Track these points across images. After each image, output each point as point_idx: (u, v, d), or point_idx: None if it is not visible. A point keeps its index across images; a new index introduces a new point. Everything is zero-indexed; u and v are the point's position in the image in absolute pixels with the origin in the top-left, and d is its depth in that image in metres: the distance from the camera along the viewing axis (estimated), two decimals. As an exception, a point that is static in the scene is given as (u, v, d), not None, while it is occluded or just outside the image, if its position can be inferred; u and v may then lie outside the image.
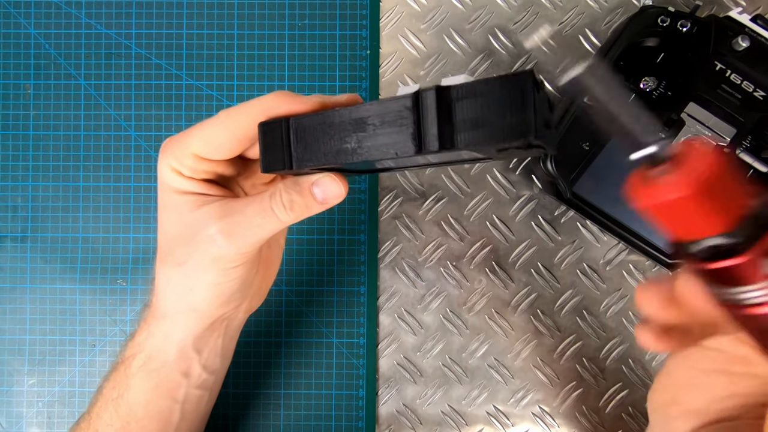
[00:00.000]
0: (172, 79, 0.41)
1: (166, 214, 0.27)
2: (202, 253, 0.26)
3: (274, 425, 0.41)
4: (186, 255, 0.27)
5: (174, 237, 0.27)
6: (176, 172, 0.27)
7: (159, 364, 0.29)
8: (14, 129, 0.42)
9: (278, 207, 0.26)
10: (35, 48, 0.42)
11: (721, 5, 0.40)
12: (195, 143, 0.26)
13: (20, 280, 0.41)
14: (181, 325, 0.29)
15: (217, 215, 0.26)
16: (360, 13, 0.41)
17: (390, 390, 0.41)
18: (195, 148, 0.26)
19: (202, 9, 0.41)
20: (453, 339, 0.41)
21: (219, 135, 0.25)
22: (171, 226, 0.27)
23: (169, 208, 0.27)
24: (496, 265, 0.41)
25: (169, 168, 0.27)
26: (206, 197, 0.27)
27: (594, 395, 0.40)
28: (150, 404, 0.30)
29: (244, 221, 0.26)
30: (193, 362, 0.30)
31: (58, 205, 0.42)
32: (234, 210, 0.26)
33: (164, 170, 0.27)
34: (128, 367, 0.30)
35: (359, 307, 0.41)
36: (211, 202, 0.26)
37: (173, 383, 0.30)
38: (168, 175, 0.27)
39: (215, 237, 0.26)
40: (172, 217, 0.27)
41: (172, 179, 0.27)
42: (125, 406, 0.30)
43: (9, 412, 0.41)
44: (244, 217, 0.26)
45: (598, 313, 0.40)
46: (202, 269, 0.27)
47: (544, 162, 0.36)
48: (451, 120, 0.20)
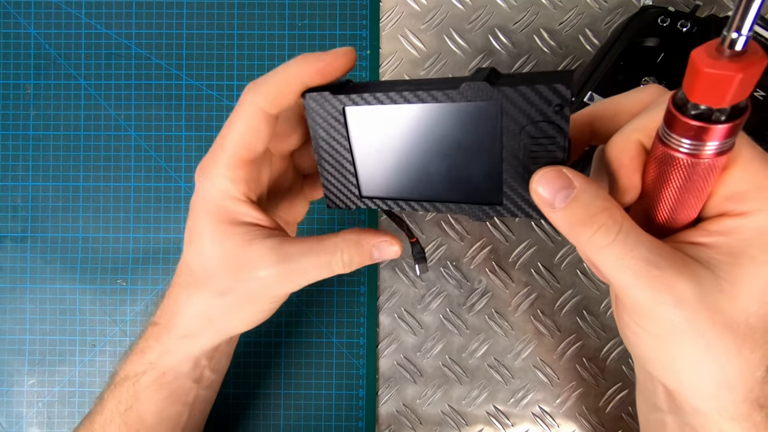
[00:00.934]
0: (172, 79, 0.41)
1: (210, 241, 0.26)
2: (250, 290, 0.26)
3: (274, 425, 0.41)
4: (231, 288, 0.26)
5: (217, 267, 0.26)
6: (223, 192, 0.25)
7: (173, 376, 0.30)
8: (14, 129, 0.42)
9: (337, 264, 0.26)
10: (35, 48, 0.42)
11: (721, 5, 0.40)
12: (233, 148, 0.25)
13: (20, 280, 0.41)
14: (204, 342, 0.29)
15: (271, 260, 0.25)
16: (360, 13, 0.41)
17: (390, 390, 0.41)
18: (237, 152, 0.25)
19: (202, 9, 0.41)
20: (453, 339, 0.41)
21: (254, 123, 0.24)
22: (214, 254, 0.26)
23: (215, 235, 0.26)
24: (496, 265, 0.41)
25: (216, 187, 0.25)
26: (256, 230, 0.26)
27: (594, 395, 0.40)
28: (161, 412, 0.30)
29: (300, 271, 0.26)
30: (205, 369, 0.31)
31: (58, 205, 0.42)
32: (289, 257, 0.26)
33: (209, 191, 0.26)
34: (137, 382, 0.30)
35: (359, 307, 0.41)
36: (262, 239, 0.26)
37: (184, 389, 0.30)
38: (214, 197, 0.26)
39: (269, 280, 0.26)
40: (217, 246, 0.26)
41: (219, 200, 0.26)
42: (134, 416, 0.30)
43: (9, 412, 0.41)
44: (300, 267, 0.26)
45: (598, 313, 0.40)
46: (247, 303, 0.27)
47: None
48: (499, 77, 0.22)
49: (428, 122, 0.23)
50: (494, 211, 0.24)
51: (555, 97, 0.20)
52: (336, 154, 0.26)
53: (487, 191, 0.24)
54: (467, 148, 0.23)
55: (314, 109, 0.25)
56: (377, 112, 0.24)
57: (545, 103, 0.21)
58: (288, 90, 0.24)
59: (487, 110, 0.22)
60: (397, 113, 0.24)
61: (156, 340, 0.29)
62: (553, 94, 0.20)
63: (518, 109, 0.21)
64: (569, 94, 0.20)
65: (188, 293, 0.28)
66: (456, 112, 0.22)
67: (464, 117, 0.22)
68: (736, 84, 0.16)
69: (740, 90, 0.16)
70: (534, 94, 0.21)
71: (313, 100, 0.25)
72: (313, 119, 0.26)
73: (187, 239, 0.27)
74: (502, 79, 0.22)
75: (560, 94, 0.20)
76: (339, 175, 0.27)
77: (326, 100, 0.25)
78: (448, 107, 0.22)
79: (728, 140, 0.18)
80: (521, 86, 0.21)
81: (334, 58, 0.24)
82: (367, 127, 0.25)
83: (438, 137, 0.23)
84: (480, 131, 0.22)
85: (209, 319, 0.28)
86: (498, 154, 0.23)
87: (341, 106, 0.24)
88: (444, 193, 0.25)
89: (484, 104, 0.22)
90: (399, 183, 0.26)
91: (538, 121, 0.21)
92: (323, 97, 0.24)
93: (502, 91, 0.21)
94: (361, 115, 0.25)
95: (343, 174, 0.27)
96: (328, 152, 0.26)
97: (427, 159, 0.24)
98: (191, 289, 0.28)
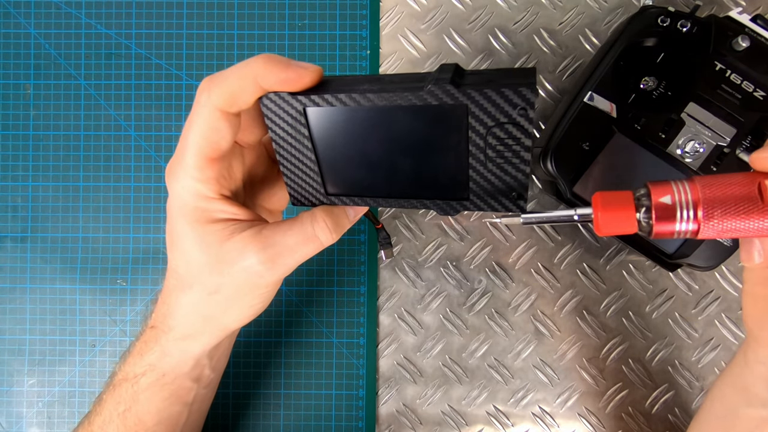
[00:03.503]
0: (172, 79, 0.41)
1: (189, 243, 0.26)
2: (240, 283, 0.26)
3: (274, 425, 0.41)
4: (220, 284, 0.26)
5: (201, 267, 0.26)
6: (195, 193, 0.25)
7: (173, 377, 0.30)
8: (14, 129, 0.42)
9: (322, 232, 0.26)
10: (35, 48, 0.42)
11: (721, 5, 0.40)
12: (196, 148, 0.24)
13: (20, 280, 0.41)
14: (202, 342, 0.29)
15: (254, 247, 0.25)
16: (360, 13, 0.41)
17: (390, 390, 0.41)
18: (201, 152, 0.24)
19: (202, 9, 0.41)
20: (453, 339, 0.41)
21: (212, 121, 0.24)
22: (195, 256, 0.26)
23: (193, 237, 0.26)
24: (496, 265, 0.41)
25: (186, 189, 0.25)
26: (233, 224, 0.26)
27: (594, 395, 0.40)
28: (161, 412, 0.30)
29: (287, 251, 0.26)
30: (205, 368, 0.31)
31: (58, 205, 0.42)
32: (273, 240, 0.25)
33: (180, 194, 0.25)
34: (136, 383, 0.30)
35: (359, 307, 0.41)
36: (240, 231, 0.25)
37: (185, 389, 0.30)
38: (186, 199, 0.25)
39: (257, 268, 0.25)
40: (197, 246, 0.26)
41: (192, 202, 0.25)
42: (134, 417, 0.30)
43: (9, 412, 0.41)
44: (285, 247, 0.26)
45: (598, 313, 0.40)
46: (239, 296, 0.27)
47: (544, 162, 0.35)
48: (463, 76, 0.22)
49: (393, 121, 0.23)
50: (461, 206, 0.24)
51: (520, 101, 0.21)
52: (298, 154, 0.26)
53: (453, 188, 0.24)
54: (433, 147, 0.23)
55: (272, 110, 0.24)
56: (340, 112, 0.23)
57: (510, 105, 0.21)
58: (246, 92, 0.23)
59: (453, 110, 0.22)
60: (360, 114, 0.23)
61: (155, 342, 0.29)
62: (518, 97, 0.21)
63: (483, 111, 0.21)
64: (533, 97, 0.20)
65: (178, 295, 0.28)
66: (421, 112, 0.22)
67: (430, 117, 0.22)
68: None
69: None
70: (499, 97, 0.21)
71: (271, 101, 0.24)
72: (271, 120, 0.25)
73: (168, 243, 0.27)
74: (467, 78, 0.22)
75: (525, 97, 0.20)
76: (303, 174, 0.26)
77: (285, 101, 0.24)
78: (412, 107, 0.22)
79: None
80: (486, 89, 0.21)
81: (303, 74, 0.23)
82: (330, 126, 0.24)
83: (403, 136, 0.23)
84: (446, 130, 0.23)
85: (204, 318, 0.28)
86: (464, 152, 0.23)
87: (302, 107, 0.24)
88: (410, 189, 0.25)
89: (449, 105, 0.22)
90: (365, 180, 0.26)
91: (503, 122, 0.21)
92: (281, 98, 0.24)
93: (467, 94, 0.21)
94: (323, 115, 0.24)
95: (306, 173, 0.26)
96: (290, 152, 0.26)
97: (392, 157, 0.24)
98: (180, 292, 0.28)
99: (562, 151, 0.35)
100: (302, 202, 0.28)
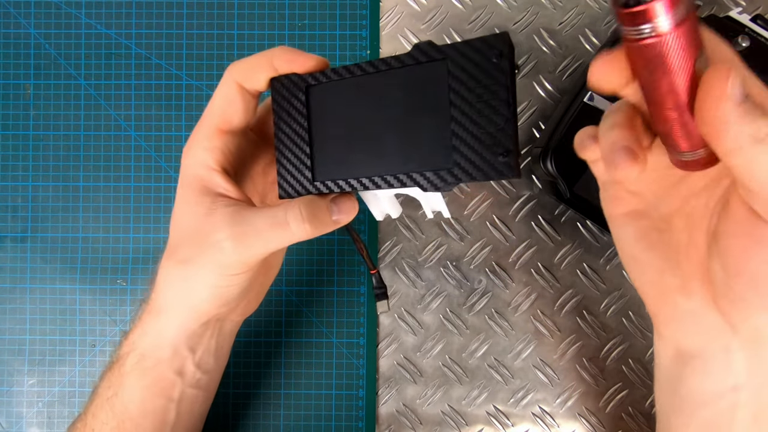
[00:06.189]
0: (172, 79, 0.41)
1: (181, 211, 0.28)
2: (207, 257, 0.26)
3: (274, 425, 0.41)
4: (191, 255, 0.27)
5: (184, 235, 0.27)
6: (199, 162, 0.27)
7: (153, 362, 0.29)
8: (14, 129, 0.42)
9: (294, 219, 0.26)
10: (35, 48, 0.42)
11: (721, 5, 0.40)
12: (210, 119, 0.27)
13: (20, 280, 0.41)
14: (175, 322, 0.29)
15: (228, 222, 0.26)
16: (360, 13, 0.41)
17: (390, 390, 0.41)
18: (213, 122, 0.27)
19: (202, 9, 0.41)
20: (453, 339, 0.41)
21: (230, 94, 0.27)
22: (183, 223, 0.27)
23: (186, 205, 0.27)
24: (496, 265, 0.41)
25: (194, 157, 0.27)
26: (222, 200, 0.27)
27: (594, 395, 0.40)
28: (145, 402, 0.30)
29: (254, 232, 0.26)
30: (186, 361, 0.30)
31: (58, 205, 0.42)
32: (245, 219, 0.26)
33: (189, 162, 0.27)
34: (123, 365, 0.30)
35: (359, 307, 0.41)
36: (224, 207, 0.26)
37: (167, 382, 0.30)
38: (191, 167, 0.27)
39: (223, 243, 0.26)
40: (186, 215, 0.27)
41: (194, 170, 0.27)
42: (120, 404, 0.30)
43: (9, 412, 0.41)
44: (254, 228, 0.26)
45: (598, 313, 0.40)
46: (204, 271, 0.27)
47: (544, 162, 0.35)
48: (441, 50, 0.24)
49: (382, 92, 0.25)
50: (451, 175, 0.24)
51: (496, 43, 0.22)
52: (295, 137, 0.27)
53: (438, 157, 0.24)
54: (418, 113, 0.24)
55: (280, 92, 0.27)
56: (337, 89, 0.26)
57: (488, 49, 0.22)
58: (261, 68, 0.26)
59: (435, 71, 0.24)
60: (354, 88, 0.26)
61: (140, 319, 0.30)
62: (494, 41, 0.22)
63: (461, 68, 0.23)
64: (508, 40, 0.22)
65: (162, 263, 0.28)
66: (406, 77, 0.24)
67: (415, 82, 0.24)
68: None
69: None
70: (475, 48, 0.22)
71: (280, 83, 0.27)
72: (277, 103, 0.27)
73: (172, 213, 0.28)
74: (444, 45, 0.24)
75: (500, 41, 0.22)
76: (295, 160, 0.27)
77: (292, 80, 0.27)
78: (399, 75, 0.24)
79: (678, 10, 0.19)
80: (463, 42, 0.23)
81: (306, 57, 0.26)
82: (327, 105, 0.26)
83: (391, 106, 0.25)
84: (429, 94, 0.24)
85: (174, 289, 0.28)
86: (447, 115, 0.24)
87: (304, 85, 0.26)
88: (396, 165, 0.25)
89: (431, 66, 0.23)
90: (353, 160, 0.26)
91: (479, 78, 0.23)
92: (290, 78, 0.27)
93: (447, 48, 0.23)
94: (322, 94, 0.26)
95: (299, 158, 0.27)
96: (288, 135, 0.27)
97: (380, 130, 0.25)
98: (164, 260, 0.28)
99: (562, 151, 0.35)
100: (289, 193, 0.28)
